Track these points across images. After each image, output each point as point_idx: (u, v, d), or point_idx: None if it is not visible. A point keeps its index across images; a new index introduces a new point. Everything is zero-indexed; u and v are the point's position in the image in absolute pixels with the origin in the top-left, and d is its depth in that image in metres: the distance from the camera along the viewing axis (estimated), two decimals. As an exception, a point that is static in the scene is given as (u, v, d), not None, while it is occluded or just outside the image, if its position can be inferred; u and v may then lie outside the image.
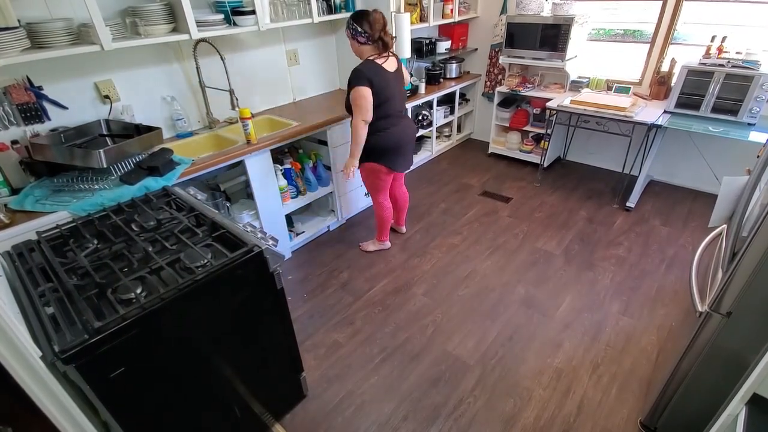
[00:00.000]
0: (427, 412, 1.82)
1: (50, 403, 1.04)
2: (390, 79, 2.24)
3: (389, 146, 2.37)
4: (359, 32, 2.15)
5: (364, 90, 2.14)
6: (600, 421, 1.75)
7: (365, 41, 2.17)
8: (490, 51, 4.03)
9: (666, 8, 3.09)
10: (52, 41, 1.78)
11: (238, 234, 1.43)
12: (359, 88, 2.14)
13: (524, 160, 4.02)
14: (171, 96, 2.43)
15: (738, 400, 1.04)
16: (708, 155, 3.30)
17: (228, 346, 1.44)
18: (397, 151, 2.42)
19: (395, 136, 2.37)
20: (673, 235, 2.92)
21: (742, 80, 2.64)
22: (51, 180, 1.89)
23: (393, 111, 2.31)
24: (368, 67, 2.17)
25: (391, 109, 2.30)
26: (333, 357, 2.10)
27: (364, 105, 2.16)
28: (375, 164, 2.43)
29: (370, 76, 2.15)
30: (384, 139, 2.34)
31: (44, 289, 1.19)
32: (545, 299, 2.40)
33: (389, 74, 2.24)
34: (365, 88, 2.14)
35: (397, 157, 2.45)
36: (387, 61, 2.23)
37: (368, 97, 2.15)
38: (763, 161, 1.27)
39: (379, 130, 2.31)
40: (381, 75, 2.19)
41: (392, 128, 2.34)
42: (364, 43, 2.18)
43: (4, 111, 1.87)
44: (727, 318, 1.23)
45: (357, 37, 2.17)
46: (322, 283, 2.60)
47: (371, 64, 2.18)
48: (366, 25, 2.13)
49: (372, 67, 2.18)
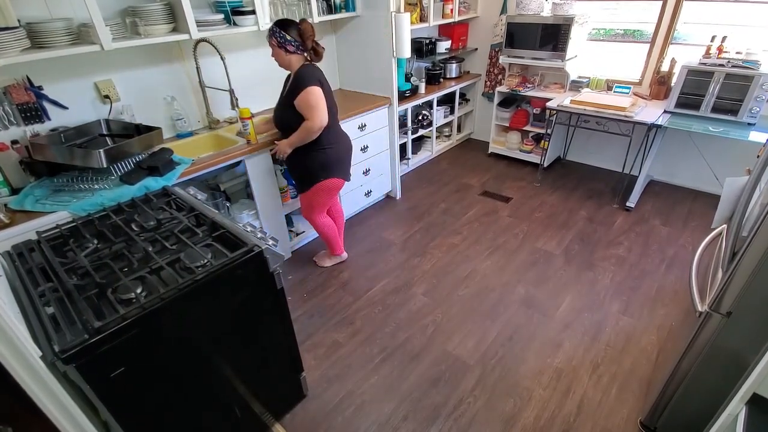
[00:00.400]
0: (427, 412, 1.82)
1: (50, 403, 1.04)
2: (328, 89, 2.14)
3: (343, 156, 2.31)
4: (287, 40, 1.99)
5: (317, 90, 2.01)
6: (600, 421, 1.75)
7: (294, 50, 2.02)
8: (490, 51, 4.03)
9: (666, 8, 3.09)
10: (52, 41, 1.78)
11: (238, 234, 1.43)
12: (313, 89, 2.00)
13: (524, 160, 4.02)
14: (171, 96, 2.43)
15: (738, 400, 1.05)
16: (708, 155, 3.30)
17: (228, 346, 1.44)
18: (348, 160, 2.37)
19: (345, 143, 2.33)
20: (673, 235, 2.92)
21: (742, 80, 2.64)
22: (51, 180, 1.89)
23: (334, 121, 2.22)
24: (313, 70, 2.06)
25: (334, 119, 2.20)
26: (333, 357, 2.10)
27: (322, 106, 2.03)
28: (336, 179, 2.32)
29: (317, 77, 2.04)
30: (338, 149, 2.26)
31: (44, 289, 1.20)
32: (545, 299, 2.40)
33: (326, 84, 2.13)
34: (317, 88, 2.01)
35: (348, 167, 2.39)
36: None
37: (323, 97, 2.04)
38: (763, 161, 1.27)
39: (332, 142, 2.21)
40: (324, 78, 2.09)
41: (341, 137, 2.29)
42: (293, 52, 2.03)
43: (4, 111, 1.87)
44: (727, 318, 1.23)
45: (285, 45, 2.00)
46: (322, 283, 2.60)
47: (313, 67, 2.08)
48: (294, 33, 2.00)
49: (313, 69, 2.07)
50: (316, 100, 2.02)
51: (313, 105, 2.02)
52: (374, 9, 2.86)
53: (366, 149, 3.07)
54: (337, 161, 2.27)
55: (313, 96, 2.01)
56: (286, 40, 1.99)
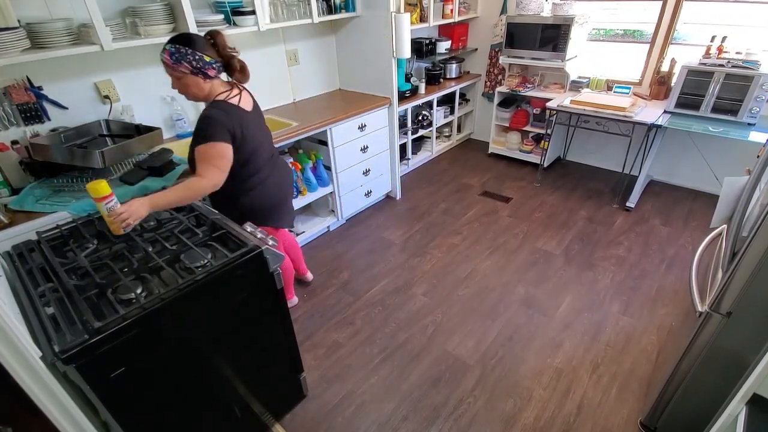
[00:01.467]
0: (427, 412, 1.82)
1: (50, 403, 1.03)
2: (251, 122, 1.69)
3: (272, 203, 1.88)
4: (207, 63, 1.54)
5: (223, 147, 1.55)
6: (600, 421, 1.75)
7: (216, 73, 1.60)
8: (490, 51, 4.03)
9: (666, 8, 3.10)
10: (52, 41, 1.78)
11: (238, 234, 1.43)
12: (216, 144, 1.54)
13: (524, 160, 4.02)
14: (171, 96, 2.43)
15: (738, 400, 1.04)
16: (708, 155, 3.30)
17: (228, 346, 1.44)
18: (281, 205, 1.95)
19: (275, 188, 1.87)
20: (673, 235, 2.92)
21: (742, 80, 2.64)
22: (51, 180, 1.89)
23: (263, 160, 1.80)
24: (225, 113, 1.58)
25: (261, 160, 1.78)
26: (333, 357, 2.10)
27: (222, 166, 1.57)
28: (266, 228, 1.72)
29: (231, 125, 1.57)
30: (263, 196, 1.83)
31: (44, 289, 1.20)
32: (545, 299, 2.40)
33: (249, 115, 1.69)
34: (225, 144, 1.56)
35: (282, 212, 1.96)
36: (242, 98, 1.67)
37: (229, 156, 1.58)
38: (763, 161, 1.27)
39: (252, 187, 1.79)
40: (243, 120, 1.63)
41: (268, 180, 1.83)
42: (214, 77, 1.60)
43: (4, 111, 1.87)
44: (727, 318, 1.23)
45: (206, 69, 1.54)
46: (322, 283, 2.60)
47: (228, 108, 1.60)
48: (210, 51, 1.56)
49: (229, 111, 1.60)
50: (216, 160, 1.56)
51: (212, 164, 1.56)
52: (374, 9, 2.87)
53: (366, 149, 3.07)
54: (262, 208, 1.85)
55: (215, 153, 1.55)
56: (204, 62, 1.53)
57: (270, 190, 1.85)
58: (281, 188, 1.91)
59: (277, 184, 1.88)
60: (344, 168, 2.95)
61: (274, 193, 1.88)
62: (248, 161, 1.72)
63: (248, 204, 1.81)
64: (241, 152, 1.66)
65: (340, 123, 2.76)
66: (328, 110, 2.88)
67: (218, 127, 1.55)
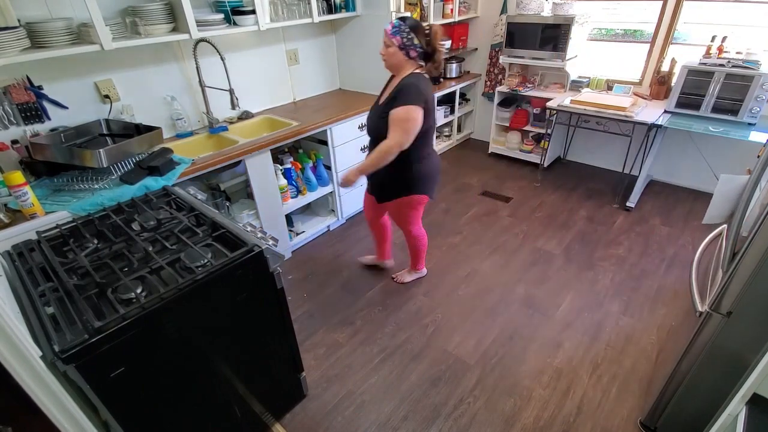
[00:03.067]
0: (427, 412, 1.82)
1: (50, 403, 1.04)
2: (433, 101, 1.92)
3: (433, 173, 2.09)
4: (414, 45, 1.78)
5: (418, 112, 1.77)
6: (600, 421, 1.75)
7: (416, 56, 1.82)
8: (490, 51, 4.03)
9: (666, 8, 3.09)
10: (52, 41, 1.78)
11: (238, 234, 1.43)
12: (414, 108, 1.76)
13: (524, 160, 4.02)
14: (171, 96, 2.43)
15: (738, 400, 1.05)
16: (708, 155, 3.30)
17: (228, 346, 1.44)
18: (437, 177, 2.15)
19: (437, 161, 2.10)
20: (673, 235, 2.92)
21: (742, 80, 2.64)
22: (51, 180, 1.89)
23: (432, 137, 2.02)
24: (424, 84, 1.81)
25: (432, 134, 2.00)
26: (333, 357, 2.10)
27: (413, 129, 1.81)
28: (421, 196, 2.10)
29: (427, 94, 1.79)
30: (429, 166, 2.04)
31: (44, 289, 1.19)
32: (545, 299, 2.40)
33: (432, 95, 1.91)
34: (420, 110, 1.77)
35: (435, 185, 2.16)
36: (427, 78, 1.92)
37: (420, 120, 1.80)
38: (763, 161, 1.27)
39: (423, 157, 1.99)
40: (430, 95, 1.85)
41: (433, 153, 2.06)
42: (413, 58, 1.82)
43: (4, 111, 1.87)
44: (727, 318, 1.23)
45: (409, 49, 1.79)
46: (322, 283, 2.60)
47: (424, 80, 1.83)
48: (422, 38, 1.79)
49: (426, 83, 1.83)
50: (410, 123, 1.79)
51: (404, 127, 1.79)
52: (374, 9, 2.87)
53: (366, 149, 3.07)
54: (427, 177, 2.06)
55: (410, 116, 1.78)
56: (413, 44, 1.77)
57: (436, 162, 2.09)
58: (439, 163, 2.14)
59: (438, 159, 2.12)
60: (344, 167, 2.95)
61: (437, 166, 2.11)
62: (426, 133, 1.91)
63: (421, 171, 2.01)
64: (428, 121, 1.86)
65: (340, 122, 2.76)
66: (328, 110, 2.88)
67: (416, 94, 1.77)
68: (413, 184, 2.04)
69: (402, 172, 1.98)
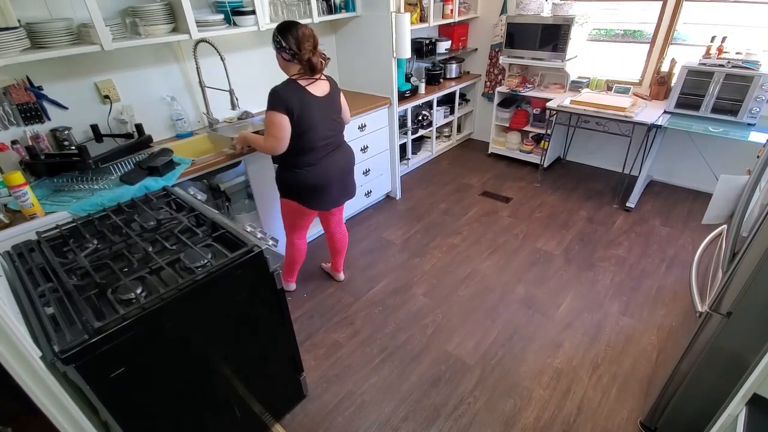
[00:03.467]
0: (427, 412, 1.82)
1: (50, 403, 1.03)
2: (315, 105, 1.88)
3: (308, 185, 2.01)
4: (283, 47, 1.82)
5: (278, 117, 1.80)
6: (600, 422, 1.75)
7: (290, 59, 1.85)
8: (490, 51, 4.03)
9: (666, 8, 3.10)
10: (52, 41, 1.78)
11: (238, 234, 1.43)
12: (271, 114, 1.81)
13: (524, 160, 4.02)
14: (171, 96, 2.43)
15: (738, 400, 1.05)
16: (708, 155, 3.30)
17: (228, 347, 1.44)
18: (320, 189, 2.05)
19: (314, 174, 1.99)
20: (673, 235, 2.92)
21: (742, 80, 2.64)
22: (51, 180, 1.89)
23: (315, 144, 1.94)
24: (288, 90, 1.83)
25: (312, 142, 1.93)
26: (333, 357, 2.10)
27: (279, 135, 1.83)
28: (291, 201, 2.09)
29: (289, 100, 1.80)
30: (301, 177, 1.98)
31: (44, 289, 1.19)
32: (545, 299, 2.40)
33: (315, 99, 1.88)
34: (281, 115, 1.80)
35: (320, 196, 2.08)
36: (315, 84, 1.89)
37: (284, 126, 1.82)
38: (763, 161, 1.27)
39: (296, 166, 1.97)
40: (303, 100, 1.84)
41: (311, 167, 1.98)
42: (289, 60, 1.86)
43: (4, 111, 1.87)
44: (727, 318, 1.23)
45: (281, 52, 1.85)
46: (322, 283, 2.60)
47: (293, 86, 1.85)
48: (291, 41, 1.81)
49: (293, 89, 1.84)
50: (272, 128, 1.83)
51: (270, 133, 1.85)
52: (374, 9, 2.87)
53: (366, 149, 3.07)
54: (297, 186, 2.02)
55: (270, 122, 1.83)
56: (281, 46, 1.83)
57: (311, 175, 1.99)
58: (324, 176, 2.03)
59: (320, 173, 2.01)
60: (344, 168, 2.95)
61: (313, 180, 2.00)
62: (301, 137, 1.90)
63: (289, 180, 2.03)
64: (296, 127, 1.86)
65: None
66: (328, 110, 2.88)
67: (277, 99, 1.80)
68: (285, 189, 2.07)
69: (278, 172, 2.07)
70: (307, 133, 1.89)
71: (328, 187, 2.07)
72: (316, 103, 1.89)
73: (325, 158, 2.01)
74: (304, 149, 1.93)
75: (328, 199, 2.12)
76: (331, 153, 2.03)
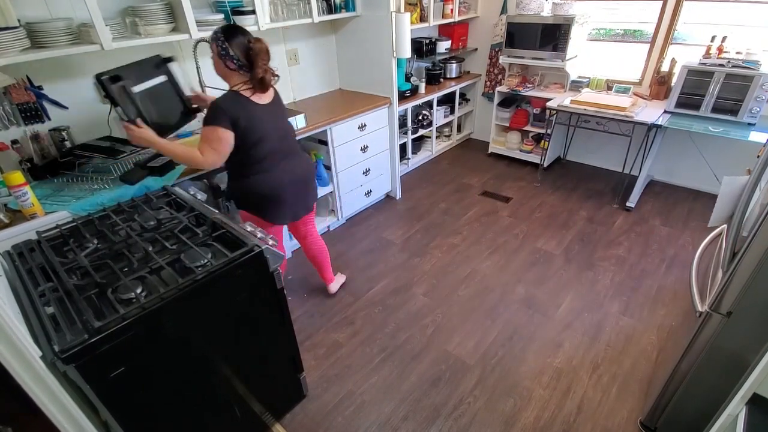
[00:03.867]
0: (427, 412, 1.82)
1: (50, 403, 1.04)
2: (261, 114, 1.77)
3: (261, 194, 1.88)
4: (229, 55, 1.67)
5: (223, 132, 1.66)
6: (600, 421, 1.75)
7: (235, 69, 1.71)
8: (490, 51, 4.03)
9: (666, 8, 3.09)
10: (52, 41, 1.78)
11: (238, 234, 1.43)
12: (217, 129, 1.65)
13: (524, 160, 4.02)
14: (171, 96, 2.42)
15: (738, 400, 1.05)
16: (708, 155, 3.30)
17: (228, 346, 1.44)
18: (274, 200, 1.91)
19: (267, 183, 1.86)
20: (673, 235, 2.92)
21: (742, 80, 2.64)
22: (51, 180, 1.89)
23: (267, 153, 1.83)
24: (232, 103, 1.69)
25: (265, 152, 1.81)
26: (333, 357, 2.10)
27: (221, 150, 1.69)
28: (249, 214, 1.96)
29: (234, 114, 1.67)
30: (253, 184, 1.85)
31: (44, 289, 1.19)
32: (545, 299, 2.40)
33: (259, 108, 1.76)
34: (225, 130, 1.66)
35: (275, 208, 1.94)
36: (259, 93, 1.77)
37: (228, 141, 1.69)
38: (763, 161, 1.27)
39: (247, 175, 1.84)
40: (248, 111, 1.72)
41: (264, 174, 1.84)
42: (233, 69, 1.71)
43: (4, 111, 1.87)
44: (727, 318, 1.23)
45: (225, 59, 1.68)
46: (322, 283, 2.60)
47: (236, 98, 1.71)
48: (237, 50, 1.67)
49: (237, 101, 1.71)
50: (215, 143, 1.68)
51: (212, 146, 1.68)
52: (374, 9, 2.86)
53: (366, 149, 3.07)
54: (251, 195, 1.89)
55: (214, 136, 1.67)
56: (227, 53, 1.66)
57: (264, 184, 1.86)
58: (278, 185, 1.89)
59: (273, 181, 1.87)
60: (344, 168, 2.95)
61: (267, 188, 1.87)
62: (252, 149, 1.78)
63: (240, 188, 1.89)
64: (245, 140, 1.74)
65: (340, 123, 2.76)
66: (328, 110, 2.88)
67: (221, 113, 1.67)
68: (239, 200, 1.94)
69: (229, 183, 1.93)
70: (258, 144, 1.78)
71: (282, 196, 1.92)
72: (263, 111, 1.78)
73: (277, 166, 1.87)
74: (256, 158, 1.81)
75: (284, 211, 1.97)
76: (283, 161, 1.89)
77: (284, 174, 1.90)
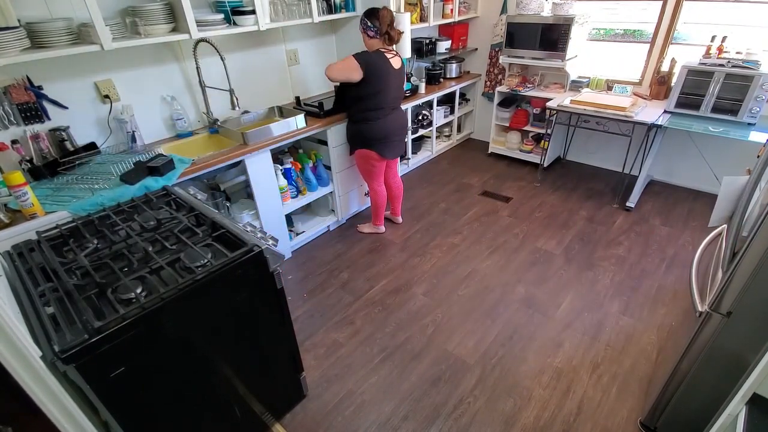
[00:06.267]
0: (427, 411, 1.82)
1: (50, 403, 1.04)
2: (390, 72, 2.40)
3: (377, 136, 2.54)
4: (369, 26, 2.32)
5: (355, 64, 2.30)
6: (600, 421, 1.75)
7: (374, 35, 2.34)
8: (490, 51, 4.03)
9: (666, 8, 3.09)
10: (52, 41, 1.78)
11: (238, 234, 1.43)
12: (353, 60, 2.30)
13: (524, 160, 4.02)
14: (171, 96, 2.43)
15: (738, 400, 1.05)
16: (708, 155, 3.30)
17: (228, 346, 1.44)
18: (385, 140, 2.58)
19: (382, 127, 2.53)
20: (673, 235, 2.92)
21: (742, 80, 2.64)
22: (51, 180, 1.89)
23: (383, 104, 2.47)
24: (372, 53, 2.34)
25: (382, 102, 2.45)
26: (333, 357, 2.10)
27: (339, 71, 2.34)
28: (366, 150, 2.60)
29: (369, 60, 2.31)
30: (372, 129, 2.52)
31: (44, 289, 1.19)
32: (545, 299, 2.40)
33: (391, 68, 2.40)
34: (358, 66, 2.30)
35: (385, 146, 2.60)
36: (393, 58, 2.42)
37: (352, 71, 2.32)
38: (763, 161, 1.27)
39: (368, 119, 2.49)
40: (381, 64, 2.35)
41: (379, 120, 2.50)
42: (372, 37, 2.35)
43: (4, 111, 1.87)
44: (727, 318, 1.23)
45: (367, 31, 2.34)
46: (322, 283, 2.60)
47: (377, 52, 2.35)
48: (375, 20, 2.30)
49: (376, 54, 2.34)
50: (343, 65, 2.33)
51: (338, 65, 2.35)
52: (374, 9, 2.86)
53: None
54: (369, 137, 2.54)
55: (347, 64, 2.32)
56: (367, 26, 2.33)
57: (380, 128, 2.53)
58: (388, 129, 2.57)
59: (386, 126, 2.55)
60: (344, 168, 2.95)
61: (382, 131, 2.55)
62: (371, 97, 2.42)
63: (363, 132, 2.55)
64: (368, 86, 2.38)
65: (340, 123, 2.76)
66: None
67: (361, 54, 2.35)
68: (359, 140, 2.59)
69: (349, 130, 2.64)
70: (378, 94, 2.42)
71: (390, 137, 2.60)
72: (392, 70, 2.42)
73: (389, 116, 2.54)
74: (375, 106, 2.45)
75: (391, 148, 2.64)
76: (391, 113, 2.56)
77: (392, 122, 2.57)
